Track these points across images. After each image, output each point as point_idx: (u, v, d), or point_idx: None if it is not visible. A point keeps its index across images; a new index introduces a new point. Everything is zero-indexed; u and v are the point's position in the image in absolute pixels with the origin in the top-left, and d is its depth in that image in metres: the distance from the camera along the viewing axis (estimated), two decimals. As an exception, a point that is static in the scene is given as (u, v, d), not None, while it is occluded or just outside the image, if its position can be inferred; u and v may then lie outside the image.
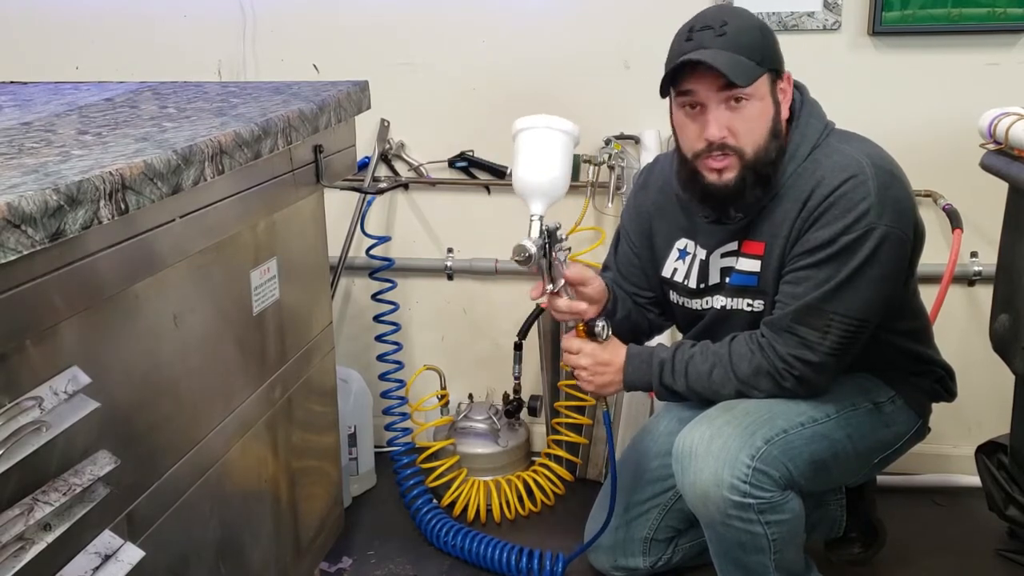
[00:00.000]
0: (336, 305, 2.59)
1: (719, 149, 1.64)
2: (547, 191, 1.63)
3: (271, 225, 1.66)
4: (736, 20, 1.64)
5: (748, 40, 1.62)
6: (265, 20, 2.50)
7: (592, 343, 1.75)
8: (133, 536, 1.22)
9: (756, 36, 1.64)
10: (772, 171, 1.67)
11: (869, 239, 1.61)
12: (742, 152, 1.64)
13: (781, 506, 1.64)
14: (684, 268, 1.84)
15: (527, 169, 1.65)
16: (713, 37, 1.61)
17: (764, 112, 1.64)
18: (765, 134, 1.65)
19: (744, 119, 1.63)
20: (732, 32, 1.61)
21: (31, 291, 1.01)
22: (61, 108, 1.65)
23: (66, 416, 1.08)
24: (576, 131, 1.68)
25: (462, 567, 2.19)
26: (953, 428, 2.46)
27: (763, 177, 1.66)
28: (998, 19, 2.24)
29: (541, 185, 1.63)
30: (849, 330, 1.65)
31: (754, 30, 1.65)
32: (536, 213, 1.62)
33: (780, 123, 1.68)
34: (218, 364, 1.50)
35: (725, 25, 1.61)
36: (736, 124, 1.63)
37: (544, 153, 1.65)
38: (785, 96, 1.69)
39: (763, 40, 1.65)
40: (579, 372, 1.77)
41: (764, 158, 1.65)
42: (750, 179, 1.65)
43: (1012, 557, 2.14)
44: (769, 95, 1.65)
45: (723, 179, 1.66)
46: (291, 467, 1.79)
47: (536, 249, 1.58)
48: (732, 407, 1.69)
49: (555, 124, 1.66)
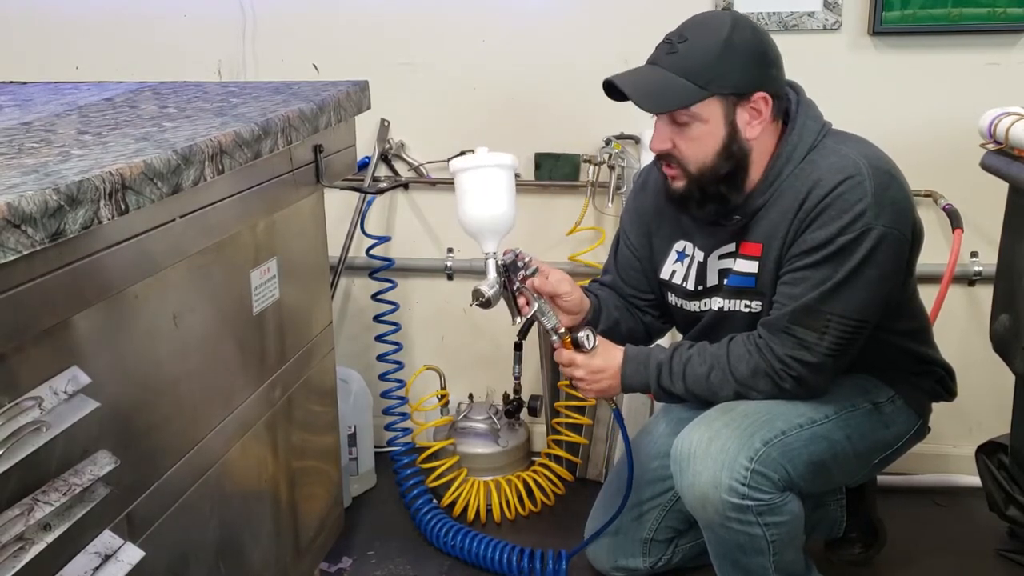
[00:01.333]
0: (336, 305, 2.59)
1: (666, 159, 1.69)
2: (496, 228, 1.67)
3: (271, 225, 1.66)
4: (698, 38, 1.63)
5: (698, 62, 1.61)
6: (265, 20, 2.50)
7: (581, 354, 1.75)
8: (133, 536, 1.22)
9: (710, 58, 1.61)
10: (724, 189, 1.68)
11: (866, 239, 1.61)
12: (685, 167, 1.68)
13: (780, 508, 1.64)
14: (682, 270, 1.84)
15: (473, 208, 1.67)
16: (665, 54, 1.64)
17: (710, 134, 1.64)
18: (710, 155, 1.65)
19: (685, 139, 1.66)
20: (684, 51, 1.62)
21: (31, 291, 1.01)
22: (61, 108, 1.65)
23: (66, 416, 1.08)
24: (514, 163, 1.70)
25: (462, 567, 2.19)
26: (953, 428, 2.47)
27: (711, 195, 1.68)
28: (998, 19, 2.24)
29: (489, 222, 1.67)
30: (847, 330, 1.64)
31: (711, 51, 1.61)
32: (488, 251, 1.66)
33: (738, 143, 1.66)
34: (218, 364, 1.50)
35: (684, 42, 1.62)
36: (678, 141, 1.67)
37: (487, 191, 1.67)
38: (758, 116, 1.65)
39: (718, 62, 1.61)
40: (576, 382, 1.78)
41: (710, 177, 1.67)
42: (696, 194, 1.69)
43: (1012, 557, 2.14)
44: (721, 118, 1.63)
45: (674, 186, 1.71)
46: (291, 467, 1.79)
47: (493, 291, 1.63)
48: (731, 409, 1.69)
49: (494, 161, 1.68)
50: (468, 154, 1.73)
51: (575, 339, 1.74)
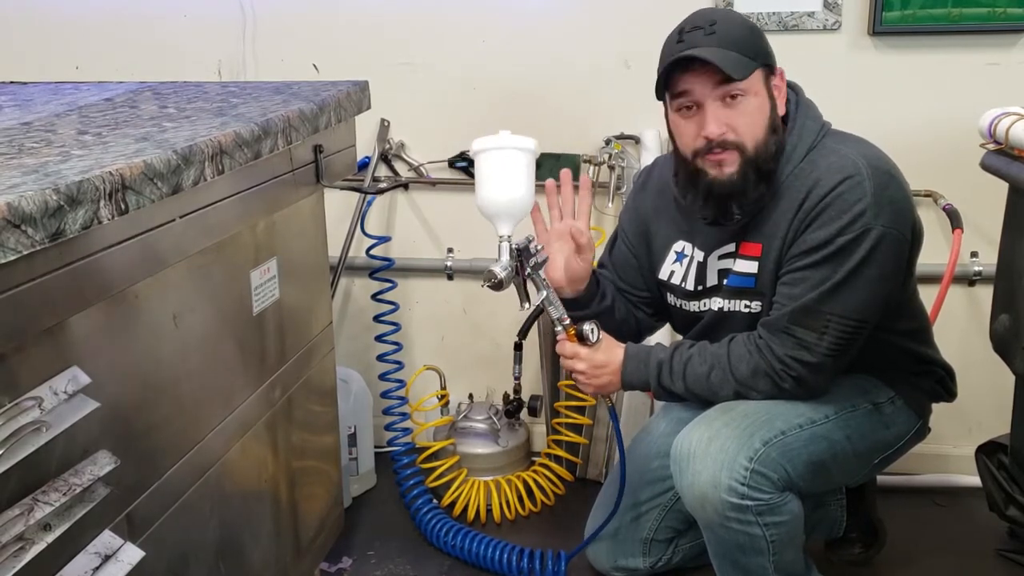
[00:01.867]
0: (336, 305, 2.59)
1: (719, 146, 1.64)
2: (513, 211, 1.65)
3: (271, 225, 1.66)
4: (725, 19, 1.65)
5: (738, 36, 1.63)
6: (265, 20, 2.50)
7: (585, 347, 1.75)
8: (133, 536, 1.22)
9: (746, 33, 1.65)
10: (773, 166, 1.67)
11: (866, 239, 1.61)
12: (743, 147, 1.64)
13: (779, 508, 1.64)
14: (681, 270, 1.84)
15: (491, 191, 1.66)
16: (703, 36, 1.61)
17: (761, 107, 1.65)
18: (764, 129, 1.65)
19: (742, 114, 1.63)
20: (721, 30, 1.62)
21: (31, 291, 1.01)
22: (61, 108, 1.65)
23: (66, 416, 1.08)
24: (536, 147, 1.68)
25: (462, 567, 2.19)
26: (953, 428, 2.46)
27: (764, 173, 1.66)
28: (998, 19, 2.24)
29: (506, 205, 1.65)
30: (847, 331, 1.64)
31: (743, 27, 1.66)
32: (503, 234, 1.64)
33: (777, 118, 1.68)
34: (218, 364, 1.50)
35: (714, 24, 1.62)
36: (734, 120, 1.63)
37: (506, 173, 1.65)
38: (780, 92, 1.70)
39: (752, 37, 1.66)
40: (576, 376, 1.78)
41: (764, 153, 1.65)
42: (752, 175, 1.65)
43: (1012, 557, 2.14)
44: (764, 90, 1.66)
45: (725, 173, 1.65)
46: (291, 467, 1.79)
47: (505, 273, 1.60)
48: (730, 409, 1.69)
49: (515, 143, 1.66)
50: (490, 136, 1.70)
51: (579, 331, 1.73)
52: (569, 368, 1.78)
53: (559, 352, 1.78)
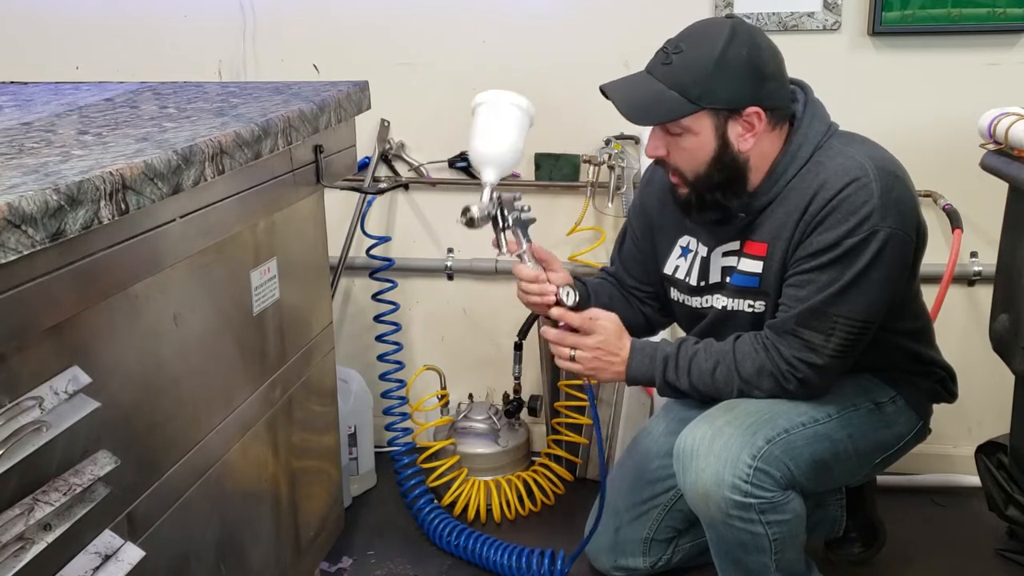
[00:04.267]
0: (336, 305, 2.59)
1: (662, 165, 1.71)
2: (497, 161, 1.69)
3: (271, 225, 1.66)
4: (693, 49, 1.62)
5: (691, 75, 1.60)
6: (265, 20, 2.50)
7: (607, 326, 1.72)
8: (133, 536, 1.22)
9: (703, 72, 1.60)
10: (720, 197, 1.68)
11: (873, 242, 1.61)
12: (682, 175, 1.69)
13: (782, 506, 1.64)
14: (685, 265, 1.84)
15: (479, 140, 1.70)
16: (659, 64, 1.65)
17: (700, 147, 1.65)
18: (703, 165, 1.66)
19: (677, 147, 1.67)
20: (679, 62, 1.62)
21: (31, 291, 1.01)
22: (61, 108, 1.65)
23: (66, 416, 1.08)
24: (529, 106, 1.72)
25: (462, 567, 2.20)
26: (953, 428, 2.46)
27: (709, 202, 1.69)
28: (998, 19, 2.24)
29: (491, 155, 1.69)
30: (853, 332, 1.64)
31: (704, 65, 1.60)
32: (487, 180, 1.67)
33: (730, 156, 1.65)
34: (218, 364, 1.50)
35: (679, 53, 1.62)
36: (671, 149, 1.68)
37: (497, 125, 1.70)
38: (751, 130, 1.64)
39: (709, 78, 1.60)
40: (582, 352, 1.72)
41: (705, 185, 1.67)
42: (694, 200, 1.70)
43: (1012, 557, 2.15)
44: (711, 132, 1.63)
45: (679, 191, 1.72)
46: (291, 467, 1.79)
47: (481, 214, 1.62)
48: (733, 407, 1.69)
49: (509, 99, 1.70)
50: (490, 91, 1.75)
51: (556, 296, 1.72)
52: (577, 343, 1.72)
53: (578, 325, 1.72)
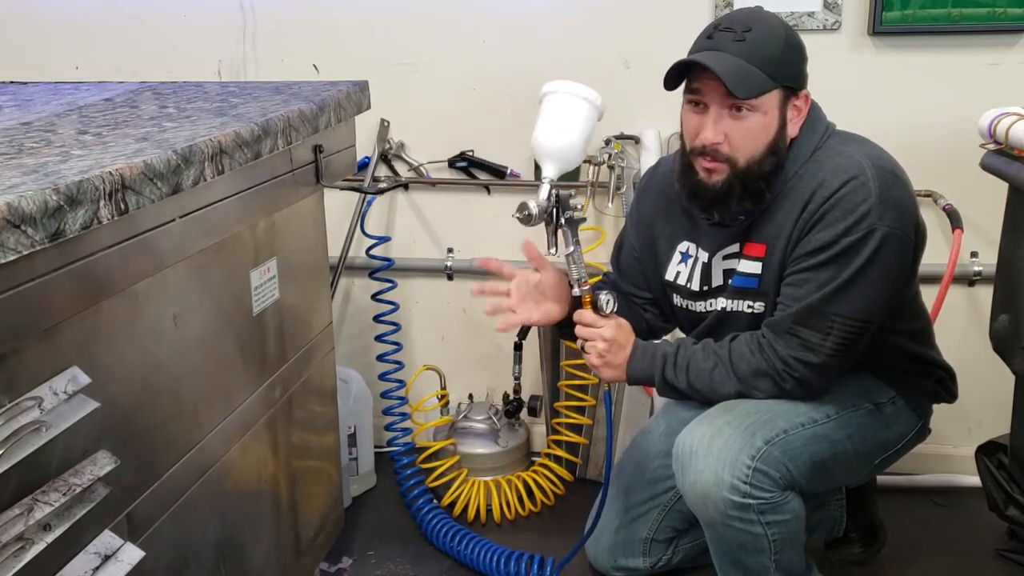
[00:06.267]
0: (336, 305, 2.59)
1: (711, 154, 1.64)
2: (560, 155, 1.66)
3: (271, 225, 1.66)
4: (761, 27, 1.62)
5: (766, 51, 1.60)
6: (265, 20, 2.50)
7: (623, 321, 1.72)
8: (133, 536, 1.22)
9: (776, 48, 1.61)
10: (764, 185, 1.66)
11: (870, 240, 1.61)
12: (734, 161, 1.64)
13: (782, 507, 1.64)
14: (687, 271, 1.84)
15: (543, 132, 1.67)
16: (731, 41, 1.60)
17: (766, 126, 1.63)
18: (762, 148, 1.64)
19: (743, 129, 1.63)
20: (752, 39, 1.59)
21: (31, 291, 1.01)
22: (61, 108, 1.65)
23: (66, 416, 1.08)
24: (600, 101, 1.69)
25: (462, 568, 2.19)
26: (953, 428, 2.47)
27: (752, 190, 1.66)
28: (998, 19, 2.24)
29: (555, 149, 1.66)
30: (851, 331, 1.64)
31: (776, 41, 1.62)
32: (547, 176, 1.64)
33: (783, 140, 1.66)
34: (218, 364, 1.50)
35: (748, 31, 1.60)
36: (734, 132, 1.63)
37: (563, 118, 1.67)
38: (799, 114, 1.67)
39: (783, 53, 1.62)
40: (592, 344, 1.73)
41: (756, 171, 1.65)
42: (737, 188, 1.65)
43: (1012, 557, 2.15)
44: (776, 110, 1.63)
45: (712, 180, 1.66)
46: (291, 467, 1.79)
47: (538, 210, 1.60)
48: (732, 407, 1.69)
49: (578, 91, 1.67)
50: (560, 80, 1.72)
51: (595, 298, 1.72)
52: (589, 335, 1.74)
53: (576, 320, 1.73)
